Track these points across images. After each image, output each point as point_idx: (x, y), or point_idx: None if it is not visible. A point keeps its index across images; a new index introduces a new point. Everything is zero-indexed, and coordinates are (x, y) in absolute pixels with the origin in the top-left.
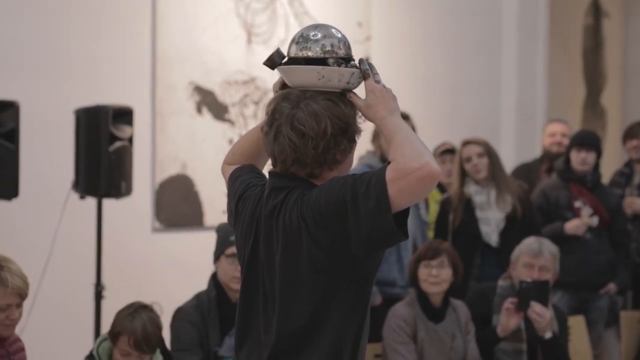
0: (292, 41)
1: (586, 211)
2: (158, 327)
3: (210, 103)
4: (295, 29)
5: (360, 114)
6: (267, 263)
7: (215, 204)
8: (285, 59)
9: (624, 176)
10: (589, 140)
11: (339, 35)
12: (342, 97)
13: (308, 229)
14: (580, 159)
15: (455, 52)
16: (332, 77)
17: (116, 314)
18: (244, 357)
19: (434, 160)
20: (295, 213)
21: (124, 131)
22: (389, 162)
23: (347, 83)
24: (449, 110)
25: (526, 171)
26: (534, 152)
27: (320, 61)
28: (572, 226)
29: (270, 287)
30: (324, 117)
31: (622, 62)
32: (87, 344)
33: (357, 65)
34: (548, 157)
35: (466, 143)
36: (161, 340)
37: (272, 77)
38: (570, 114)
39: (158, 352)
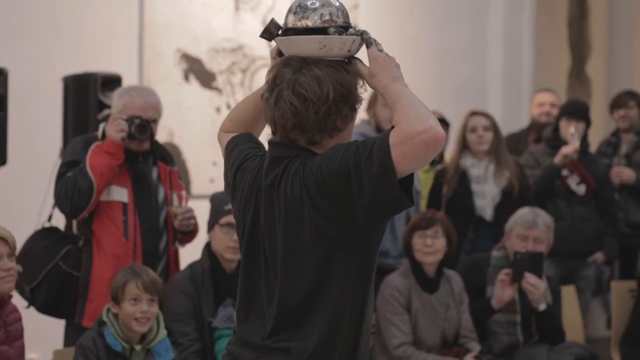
0: (289, 11)
1: (573, 179)
2: (159, 278)
3: (197, 71)
4: None
5: (362, 82)
6: (269, 234)
7: (202, 172)
8: (283, 29)
9: (611, 145)
10: (578, 110)
11: (337, 4)
12: (345, 63)
13: (310, 197)
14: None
15: (442, 19)
16: (333, 46)
17: (114, 278)
18: (247, 329)
19: (439, 124)
20: (297, 182)
21: (112, 98)
22: (392, 127)
23: (348, 51)
24: (435, 78)
25: (514, 141)
26: (521, 120)
27: (320, 30)
28: (561, 156)
29: (272, 258)
30: (326, 82)
31: (607, 32)
32: None
33: (357, 32)
34: (536, 127)
35: (473, 113)
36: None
37: (260, 44)
38: (555, 82)
39: (162, 325)
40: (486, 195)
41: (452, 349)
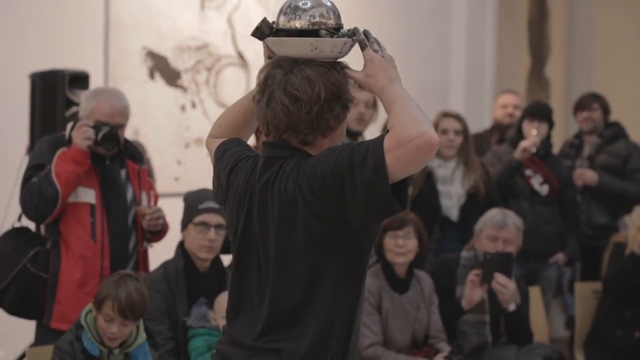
0: (281, 11)
1: (536, 179)
2: (143, 297)
3: (162, 69)
4: None
5: (354, 83)
6: (262, 234)
7: (166, 170)
8: (274, 30)
9: (574, 147)
10: (541, 112)
11: (328, 4)
12: (335, 63)
13: (304, 198)
14: (532, 130)
15: (406, 20)
16: (325, 48)
17: (102, 282)
18: (238, 329)
19: (433, 129)
20: (291, 183)
21: (80, 96)
22: (387, 131)
23: (340, 53)
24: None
25: (477, 142)
26: (483, 121)
27: (311, 33)
28: (520, 150)
29: (264, 259)
30: (317, 81)
31: (566, 34)
32: None
33: (348, 33)
34: (499, 128)
35: (446, 115)
36: (144, 311)
37: (225, 43)
38: (516, 84)
39: (142, 329)
40: (452, 196)
41: (422, 349)
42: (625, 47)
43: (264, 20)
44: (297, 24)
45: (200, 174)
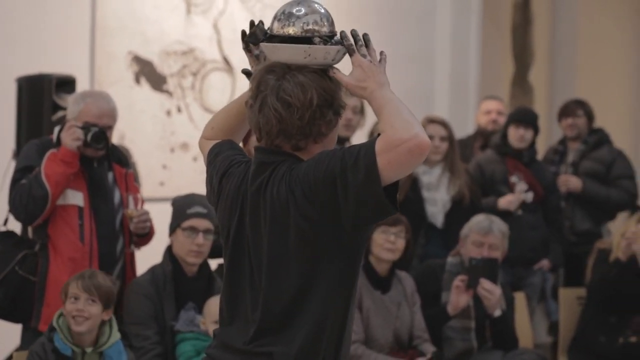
0: (275, 17)
1: (521, 186)
2: (111, 283)
3: (148, 73)
4: (233, 0)
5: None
6: (254, 239)
7: (152, 175)
8: (268, 35)
9: (558, 154)
10: (527, 118)
11: (322, 11)
12: (327, 69)
13: (296, 203)
14: (518, 136)
15: (390, 25)
16: (317, 55)
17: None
18: (230, 333)
19: (424, 131)
20: (283, 187)
21: (66, 100)
22: (378, 135)
23: (332, 60)
24: None
25: (460, 147)
26: (467, 126)
27: (304, 39)
28: (505, 202)
29: (257, 263)
30: (310, 87)
31: (549, 40)
32: None
33: (340, 40)
34: (482, 134)
35: (431, 121)
36: (113, 299)
37: (211, 48)
38: (499, 90)
39: (115, 328)
40: (437, 202)
41: (407, 352)
42: (608, 53)
43: (259, 26)
44: (291, 30)
45: (186, 178)
